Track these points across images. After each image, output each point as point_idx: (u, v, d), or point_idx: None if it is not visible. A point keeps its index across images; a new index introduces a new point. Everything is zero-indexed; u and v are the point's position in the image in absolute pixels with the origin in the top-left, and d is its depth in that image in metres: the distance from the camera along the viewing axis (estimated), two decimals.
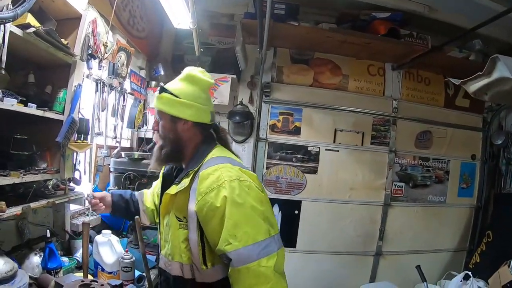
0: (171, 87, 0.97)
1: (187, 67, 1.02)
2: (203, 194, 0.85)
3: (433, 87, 2.63)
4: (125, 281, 1.26)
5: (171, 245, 0.93)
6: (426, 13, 2.30)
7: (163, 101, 0.96)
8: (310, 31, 2.24)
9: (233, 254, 0.80)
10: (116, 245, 1.37)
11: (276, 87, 2.38)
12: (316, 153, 2.40)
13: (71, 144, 1.39)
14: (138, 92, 2.27)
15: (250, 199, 0.84)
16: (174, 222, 0.93)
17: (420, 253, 2.60)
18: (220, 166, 0.88)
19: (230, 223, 0.81)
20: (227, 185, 0.83)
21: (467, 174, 2.74)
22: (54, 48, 1.20)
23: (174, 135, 0.97)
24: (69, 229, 1.58)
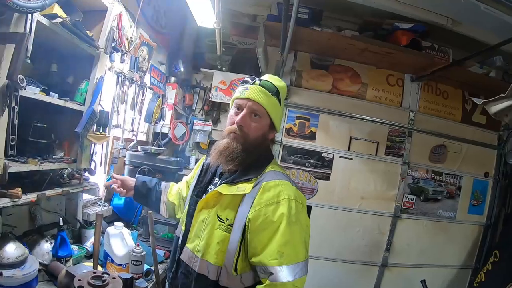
0: (278, 90, 0.94)
1: (273, 76, 0.99)
2: (262, 205, 0.85)
3: (451, 101, 2.61)
4: (135, 274, 1.25)
5: (204, 243, 0.91)
6: (449, 26, 2.28)
7: (271, 103, 0.92)
8: (332, 37, 2.24)
9: (276, 270, 0.82)
10: (128, 238, 1.37)
11: (294, 91, 2.38)
12: (330, 160, 2.40)
13: (89, 135, 1.40)
14: (157, 87, 2.29)
15: (301, 221, 0.87)
16: (213, 221, 0.91)
17: (426, 267, 2.58)
18: (282, 182, 0.89)
19: (282, 240, 0.83)
20: (286, 203, 0.85)
21: (478, 191, 2.71)
22: (79, 39, 1.21)
23: (262, 140, 0.94)
24: (80, 218, 1.59)
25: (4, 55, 0.91)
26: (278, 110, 0.94)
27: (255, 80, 0.93)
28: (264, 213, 0.84)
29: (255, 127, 0.91)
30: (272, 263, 0.82)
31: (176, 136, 2.37)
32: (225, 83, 2.28)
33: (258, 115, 0.91)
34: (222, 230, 0.89)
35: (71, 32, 1.15)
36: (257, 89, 0.91)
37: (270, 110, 0.91)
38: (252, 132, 0.91)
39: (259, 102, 0.90)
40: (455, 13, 2.24)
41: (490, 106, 1.99)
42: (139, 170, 1.83)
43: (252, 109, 0.90)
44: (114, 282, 0.83)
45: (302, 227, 0.87)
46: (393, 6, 2.17)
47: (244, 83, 0.95)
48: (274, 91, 0.92)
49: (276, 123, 0.95)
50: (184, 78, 2.46)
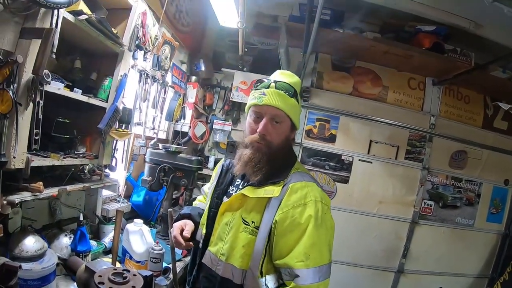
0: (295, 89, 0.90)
1: (284, 71, 0.96)
2: (289, 207, 0.84)
3: (472, 106, 2.57)
4: (153, 272, 1.24)
5: (228, 246, 0.90)
6: (472, 29, 2.24)
7: (291, 105, 0.88)
8: (354, 39, 2.22)
9: (302, 272, 0.81)
10: (147, 235, 1.38)
11: (315, 92, 2.37)
12: (349, 163, 2.38)
13: (112, 132, 1.41)
14: (178, 85, 2.30)
15: (327, 223, 0.86)
16: (238, 223, 0.89)
17: (442, 275, 2.54)
18: (309, 184, 0.88)
19: (308, 242, 0.82)
20: (313, 205, 0.84)
21: (498, 199, 2.66)
22: (104, 36, 1.21)
23: (286, 143, 0.92)
24: (99, 214, 1.60)
25: (30, 49, 0.92)
26: (297, 109, 0.92)
27: (270, 82, 0.88)
28: (292, 215, 0.83)
29: (278, 133, 0.89)
30: (298, 265, 0.81)
31: (196, 135, 2.38)
32: (246, 83, 2.28)
33: (279, 120, 0.88)
34: (248, 233, 0.87)
35: (96, 29, 1.15)
36: (274, 93, 0.86)
37: (290, 112, 0.88)
38: (275, 139, 0.88)
39: (279, 108, 0.86)
40: (478, 16, 2.20)
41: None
42: (160, 168, 1.84)
43: (272, 115, 0.87)
44: (135, 279, 0.82)
45: (327, 229, 0.86)
46: (414, 8, 2.14)
47: (259, 87, 0.90)
48: (292, 92, 0.88)
49: (296, 122, 0.93)
50: (205, 78, 2.47)
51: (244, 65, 2.33)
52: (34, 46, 0.93)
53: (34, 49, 0.93)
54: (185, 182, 1.87)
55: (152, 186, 1.81)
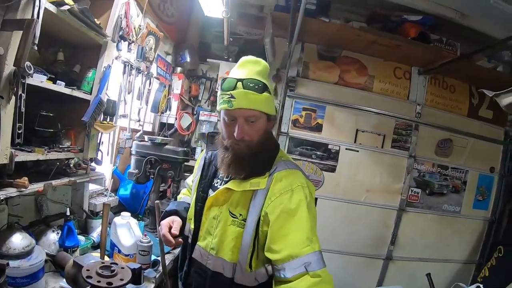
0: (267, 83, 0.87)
1: (249, 57, 0.91)
2: (276, 195, 0.83)
3: (457, 95, 2.60)
4: (142, 264, 1.24)
5: (217, 240, 0.89)
6: (458, 19, 2.26)
7: (263, 101, 0.84)
8: (340, 29, 2.22)
9: (311, 257, 0.76)
10: (135, 228, 1.37)
11: (301, 82, 2.37)
12: (336, 152, 2.39)
13: (96, 125, 1.40)
14: (163, 77, 2.28)
15: (312, 208, 0.86)
16: (226, 217, 0.89)
17: (430, 261, 2.58)
18: (293, 171, 0.88)
19: (307, 225, 0.80)
20: (301, 190, 0.84)
21: (484, 186, 2.70)
22: (87, 27, 1.19)
23: (265, 136, 0.90)
24: (86, 208, 1.60)
25: (11, 41, 0.90)
26: (270, 100, 0.88)
27: (236, 82, 0.83)
28: (280, 202, 0.82)
29: (255, 131, 0.86)
30: (305, 250, 0.76)
31: (182, 127, 2.37)
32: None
33: (254, 119, 0.85)
34: (236, 226, 0.87)
35: (79, 20, 1.14)
36: (243, 94, 0.82)
37: (264, 108, 0.85)
38: (253, 137, 0.87)
39: (251, 108, 0.83)
40: (464, 6, 2.21)
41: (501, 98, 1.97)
42: (146, 160, 1.82)
43: (246, 116, 0.84)
44: (123, 272, 0.82)
45: (314, 214, 0.86)
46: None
47: (225, 88, 0.84)
48: (261, 88, 0.83)
49: (271, 112, 0.90)
50: (190, 69, 2.45)
51: (229, 56, 2.33)
52: (15, 38, 0.91)
53: (16, 41, 0.91)
54: (171, 174, 1.86)
55: (139, 179, 1.80)
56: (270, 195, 0.84)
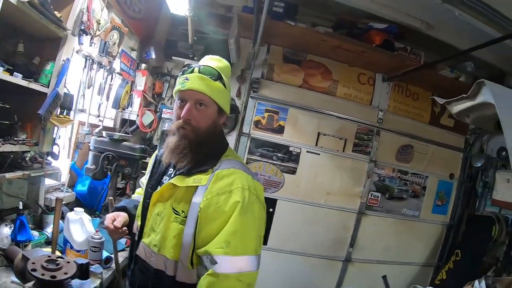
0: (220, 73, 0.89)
1: (213, 56, 0.95)
2: (214, 194, 0.83)
3: (420, 103, 2.67)
4: (92, 260, 1.24)
5: (160, 237, 0.88)
6: (423, 29, 2.32)
7: (215, 89, 0.87)
8: (306, 33, 2.25)
9: (220, 259, 0.78)
10: (87, 224, 1.36)
11: (265, 84, 2.38)
12: (297, 154, 2.41)
13: (53, 118, 1.38)
14: (127, 73, 2.24)
15: (254, 213, 0.84)
16: (169, 214, 0.88)
17: (389, 264, 2.65)
18: (236, 171, 0.86)
19: (230, 229, 0.80)
20: (239, 192, 0.82)
21: (443, 192, 2.79)
22: (47, 20, 1.18)
23: (213, 128, 0.90)
24: (42, 203, 1.56)
25: None
26: (224, 94, 0.90)
27: (194, 67, 0.88)
28: (216, 202, 0.82)
29: (203, 117, 0.87)
30: (217, 251, 0.78)
31: (144, 124, 2.34)
32: None
33: (204, 104, 0.87)
34: (178, 223, 0.86)
35: (39, 12, 1.12)
36: (197, 77, 0.86)
37: (214, 96, 0.87)
38: (201, 123, 0.87)
39: (202, 91, 0.85)
40: (430, 17, 2.28)
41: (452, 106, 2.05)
42: (103, 156, 1.79)
43: (195, 99, 0.86)
44: (68, 266, 0.81)
45: (254, 219, 0.84)
46: (369, 6, 2.19)
47: (184, 72, 0.89)
48: (215, 76, 0.87)
49: (224, 107, 0.91)
50: (155, 66, 2.42)
51: (195, 54, 2.31)
52: None
53: None
54: (128, 170, 1.84)
55: (96, 175, 1.78)
56: (207, 192, 0.83)
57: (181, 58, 2.35)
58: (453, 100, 1.97)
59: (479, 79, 1.96)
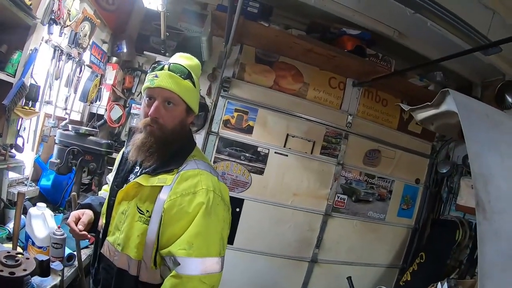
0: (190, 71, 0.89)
1: (184, 54, 0.95)
2: (178, 195, 0.82)
3: (389, 109, 2.75)
4: (54, 257, 1.20)
5: (124, 236, 0.87)
6: (395, 38, 2.38)
7: (184, 88, 0.87)
8: (279, 34, 2.27)
9: (183, 260, 0.79)
10: (49, 220, 1.32)
11: (236, 83, 2.39)
12: (265, 155, 2.43)
13: (17, 109, 1.34)
14: (97, 65, 2.20)
15: (218, 215, 0.84)
16: (133, 213, 0.87)
17: (354, 265, 2.71)
18: (201, 172, 0.86)
19: (193, 230, 0.80)
20: (204, 194, 0.82)
21: (409, 196, 2.88)
22: (16, 7, 1.15)
23: (180, 128, 0.90)
24: (5, 198, 1.51)
25: None
26: (193, 93, 0.90)
27: (164, 64, 0.87)
28: (180, 203, 0.81)
29: (171, 116, 0.87)
30: (180, 252, 0.79)
31: (112, 119, 2.30)
32: None
33: (172, 102, 0.86)
34: (142, 222, 0.85)
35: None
36: (166, 75, 0.85)
37: (183, 95, 0.87)
38: (168, 122, 0.87)
39: (171, 89, 0.85)
40: (402, 26, 2.35)
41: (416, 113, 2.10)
42: (68, 150, 1.75)
43: (164, 97, 0.85)
44: (27, 262, 0.81)
45: (219, 221, 0.84)
46: (343, 12, 2.22)
47: (154, 69, 0.88)
48: (185, 74, 0.87)
49: (193, 106, 0.91)
50: (126, 60, 2.39)
51: (167, 50, 2.29)
52: None
53: None
54: (93, 166, 1.80)
55: (60, 169, 1.73)
56: (171, 193, 0.83)
57: (153, 53, 2.33)
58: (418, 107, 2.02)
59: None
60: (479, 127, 1.31)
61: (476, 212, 1.02)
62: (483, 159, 1.16)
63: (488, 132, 1.29)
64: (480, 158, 1.16)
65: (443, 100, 1.84)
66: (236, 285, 2.39)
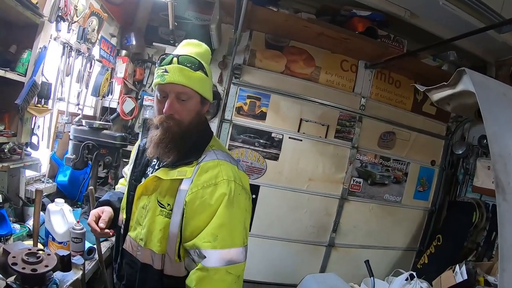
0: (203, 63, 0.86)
1: (191, 40, 0.91)
2: (199, 187, 0.81)
3: (402, 90, 2.70)
4: (74, 252, 1.22)
5: (146, 230, 0.86)
6: (407, 18, 2.32)
7: (197, 80, 0.84)
8: (289, 19, 2.24)
9: (209, 253, 0.78)
10: (68, 215, 1.33)
11: (247, 70, 2.37)
12: (279, 140, 2.43)
13: (30, 108, 1.35)
14: (106, 59, 2.20)
15: (240, 204, 0.83)
16: (154, 207, 0.86)
17: (372, 248, 2.71)
18: (221, 162, 0.84)
19: (216, 222, 0.79)
20: (225, 184, 0.81)
21: (425, 178, 2.85)
22: (22, 6, 1.15)
23: (198, 120, 0.88)
24: (23, 196, 1.53)
25: None
26: (206, 82, 0.87)
27: (172, 57, 0.84)
28: (202, 195, 0.80)
29: (186, 110, 0.85)
30: (205, 245, 0.78)
31: (125, 111, 2.31)
32: None
33: (186, 97, 0.84)
34: (164, 216, 0.85)
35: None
36: (176, 69, 0.82)
37: (196, 87, 0.84)
38: (184, 116, 0.85)
39: (184, 84, 0.82)
40: (414, 5, 2.29)
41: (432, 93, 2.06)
42: (83, 145, 1.77)
43: (177, 93, 0.83)
44: (49, 258, 0.82)
45: (241, 211, 0.83)
46: None
47: (162, 63, 0.85)
48: (196, 65, 0.84)
49: (207, 95, 0.88)
50: (135, 52, 2.38)
51: (176, 40, 2.28)
52: None
53: None
54: (109, 159, 1.83)
55: (76, 164, 1.76)
56: (193, 185, 0.81)
57: (162, 44, 2.32)
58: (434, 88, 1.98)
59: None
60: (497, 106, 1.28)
61: (496, 193, 1.00)
62: (502, 140, 1.13)
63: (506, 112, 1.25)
64: (499, 138, 1.13)
65: (460, 80, 1.79)
66: (254, 271, 2.42)
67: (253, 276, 2.42)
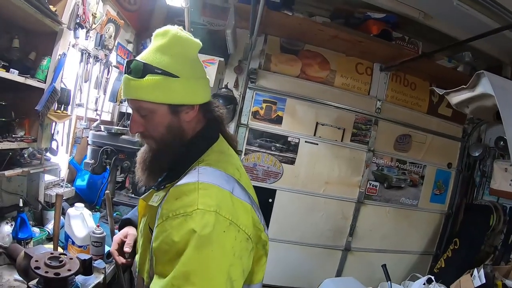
0: (159, 62, 0.66)
1: (161, 29, 0.71)
2: (164, 218, 0.60)
3: (418, 92, 2.67)
4: (95, 255, 1.24)
5: (138, 257, 0.74)
6: (421, 19, 2.31)
7: (148, 87, 0.65)
8: (303, 23, 2.24)
9: None
10: (88, 219, 1.35)
11: (262, 74, 2.38)
12: (296, 144, 2.42)
13: (50, 114, 1.37)
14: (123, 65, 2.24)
15: (224, 246, 0.58)
16: (146, 233, 0.72)
17: (388, 252, 2.68)
18: (202, 185, 0.61)
19: (181, 270, 0.55)
20: (199, 216, 0.57)
21: (441, 181, 2.81)
22: (42, 14, 1.17)
23: (173, 133, 0.69)
24: (42, 200, 1.55)
25: None
26: (167, 85, 0.66)
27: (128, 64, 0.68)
28: (165, 229, 0.58)
29: (152, 126, 0.68)
30: None
31: None
32: None
33: (145, 111, 0.67)
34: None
35: (33, 6, 1.11)
36: (125, 81, 0.67)
37: (152, 97, 0.65)
38: (153, 132, 0.69)
39: (134, 98, 0.67)
40: (428, 6, 2.27)
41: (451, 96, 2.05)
42: (102, 150, 1.79)
43: (134, 108, 0.69)
44: (71, 262, 0.82)
45: (223, 255, 0.57)
46: None
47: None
48: (140, 71, 0.65)
49: (177, 100, 0.67)
50: None
51: None
52: None
53: None
54: (127, 164, 1.83)
55: (95, 169, 1.77)
56: (159, 216, 0.62)
57: None
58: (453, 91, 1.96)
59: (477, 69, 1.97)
60: None
61: None
62: None
63: None
64: None
65: (478, 82, 1.77)
66: (270, 275, 2.39)
67: (269, 281, 2.41)
